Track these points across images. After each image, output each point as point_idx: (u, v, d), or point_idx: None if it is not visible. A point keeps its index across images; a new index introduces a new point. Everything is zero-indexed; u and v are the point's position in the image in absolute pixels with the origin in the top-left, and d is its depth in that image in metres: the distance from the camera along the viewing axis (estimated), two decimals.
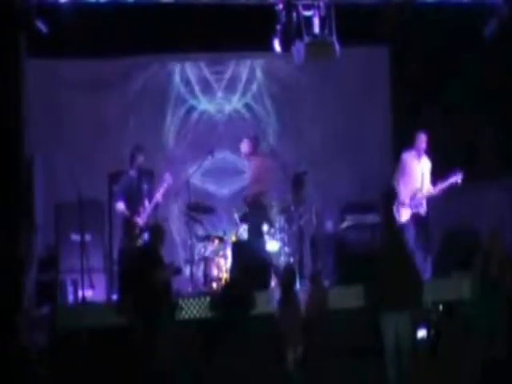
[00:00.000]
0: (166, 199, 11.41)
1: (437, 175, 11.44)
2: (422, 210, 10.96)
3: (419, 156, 11.12)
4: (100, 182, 12.15)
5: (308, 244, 11.58)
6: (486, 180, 11.50)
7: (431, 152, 11.63)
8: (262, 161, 11.31)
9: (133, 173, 10.81)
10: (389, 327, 8.59)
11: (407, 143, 11.54)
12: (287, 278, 8.78)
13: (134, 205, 10.68)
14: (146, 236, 10.21)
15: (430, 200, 11.41)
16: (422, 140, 11.08)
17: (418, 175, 11.06)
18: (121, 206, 10.70)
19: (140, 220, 10.63)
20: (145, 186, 10.81)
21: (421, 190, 10.97)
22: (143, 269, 8.93)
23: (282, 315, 8.49)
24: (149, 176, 11.30)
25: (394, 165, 12.88)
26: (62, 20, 10.14)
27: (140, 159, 10.81)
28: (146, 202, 10.74)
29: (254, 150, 11.33)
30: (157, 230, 9.33)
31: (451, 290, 10.01)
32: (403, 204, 10.93)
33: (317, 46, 10.08)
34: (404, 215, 10.93)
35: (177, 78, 13.30)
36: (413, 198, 10.98)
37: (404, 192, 11.03)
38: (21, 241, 9.64)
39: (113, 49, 12.20)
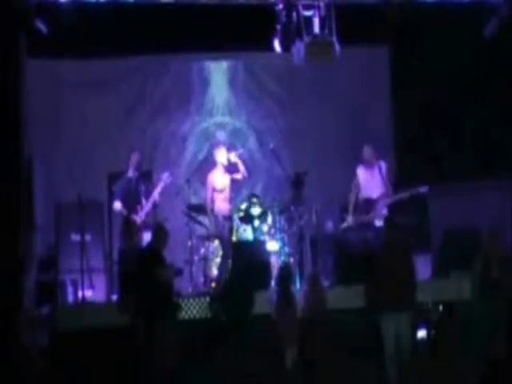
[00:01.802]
0: (165, 199, 11.41)
1: (436, 175, 11.47)
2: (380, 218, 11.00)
3: (370, 166, 11.18)
4: (100, 182, 12.16)
5: (308, 244, 11.57)
6: (486, 180, 11.50)
7: (431, 152, 11.67)
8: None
9: (131, 174, 10.83)
10: (389, 328, 8.60)
11: (407, 142, 11.55)
12: (284, 277, 8.76)
13: (131, 204, 10.70)
14: (148, 236, 10.21)
15: (431, 200, 11.45)
16: (367, 152, 11.19)
17: (370, 185, 11.14)
18: (118, 205, 10.72)
19: (138, 218, 10.65)
20: (142, 187, 10.84)
21: (377, 199, 11.04)
22: (145, 269, 8.93)
23: (279, 315, 8.48)
24: (147, 177, 11.32)
25: (394, 165, 12.94)
26: (62, 20, 10.13)
27: (138, 164, 10.84)
28: (144, 201, 10.76)
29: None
30: (159, 231, 9.33)
31: (451, 290, 10.00)
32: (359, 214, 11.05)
33: (317, 46, 10.07)
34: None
35: (177, 77, 13.29)
36: (368, 209, 11.05)
37: (359, 203, 11.17)
38: (21, 241, 9.63)
39: (113, 49, 12.21)
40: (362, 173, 11.22)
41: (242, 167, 11.28)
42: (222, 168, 11.21)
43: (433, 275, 10.90)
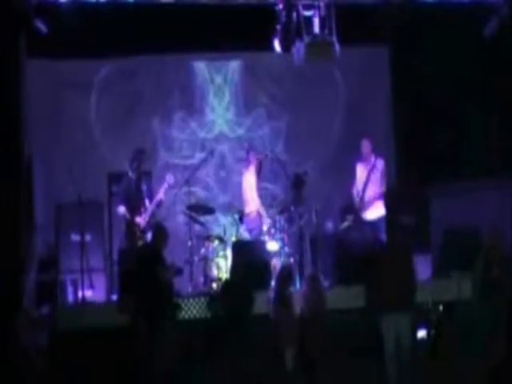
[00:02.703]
0: (166, 199, 11.42)
1: (436, 175, 11.47)
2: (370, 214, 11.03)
3: (367, 161, 11.21)
4: (100, 182, 12.15)
5: (308, 244, 11.57)
6: (486, 180, 11.49)
7: (431, 152, 11.67)
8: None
9: (132, 175, 10.81)
10: (389, 328, 8.60)
11: (407, 142, 11.56)
12: (283, 278, 8.76)
13: (134, 206, 10.68)
14: (149, 236, 10.20)
15: (431, 200, 11.48)
16: (364, 146, 11.26)
17: (363, 181, 11.20)
18: (122, 209, 10.69)
19: (142, 221, 10.63)
20: (144, 187, 10.82)
21: (364, 194, 11.11)
22: (146, 269, 8.92)
23: (277, 315, 8.49)
24: (147, 177, 11.31)
25: (394, 164, 12.93)
26: (62, 20, 10.13)
27: (140, 164, 10.82)
28: (147, 203, 10.74)
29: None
30: (159, 231, 9.32)
31: (451, 290, 10.00)
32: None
33: (317, 46, 10.08)
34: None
35: (177, 77, 13.29)
36: (360, 203, 11.09)
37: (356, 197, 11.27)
38: (21, 241, 9.64)
39: (113, 49, 12.21)
40: (358, 168, 11.25)
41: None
42: (254, 169, 11.38)
43: (433, 275, 10.89)
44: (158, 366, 8.57)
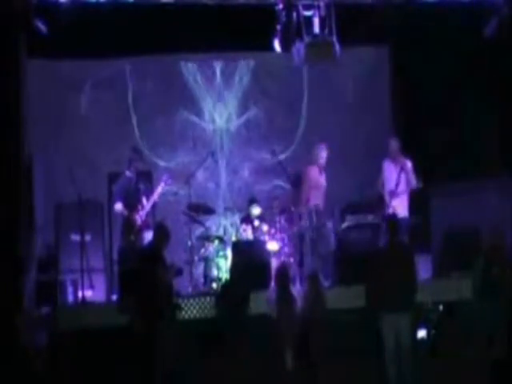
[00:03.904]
0: (166, 199, 11.41)
1: (436, 175, 11.48)
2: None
3: (395, 160, 11.19)
4: (100, 182, 12.16)
5: (308, 244, 11.56)
6: (486, 180, 11.50)
7: (431, 152, 11.66)
8: None
9: (129, 174, 10.83)
10: (389, 328, 8.59)
11: (407, 143, 11.55)
12: (282, 277, 8.77)
13: (132, 204, 10.70)
14: (149, 235, 10.21)
15: (431, 200, 11.48)
16: (392, 145, 11.26)
17: (390, 180, 11.20)
18: (119, 206, 10.72)
19: (138, 218, 10.65)
20: (142, 187, 10.84)
21: (395, 191, 11.10)
22: (146, 268, 8.92)
23: (278, 315, 8.49)
24: (146, 177, 11.33)
25: None
26: (62, 20, 10.13)
27: (137, 163, 10.83)
28: (144, 201, 10.77)
29: None
30: (160, 231, 9.31)
31: (451, 290, 10.01)
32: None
33: (317, 46, 10.08)
34: None
35: (177, 77, 13.29)
36: (389, 199, 11.11)
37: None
38: (21, 241, 9.63)
39: (113, 49, 12.20)
40: (386, 165, 11.26)
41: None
42: (318, 166, 11.30)
43: (433, 275, 10.90)
44: (158, 365, 8.57)
